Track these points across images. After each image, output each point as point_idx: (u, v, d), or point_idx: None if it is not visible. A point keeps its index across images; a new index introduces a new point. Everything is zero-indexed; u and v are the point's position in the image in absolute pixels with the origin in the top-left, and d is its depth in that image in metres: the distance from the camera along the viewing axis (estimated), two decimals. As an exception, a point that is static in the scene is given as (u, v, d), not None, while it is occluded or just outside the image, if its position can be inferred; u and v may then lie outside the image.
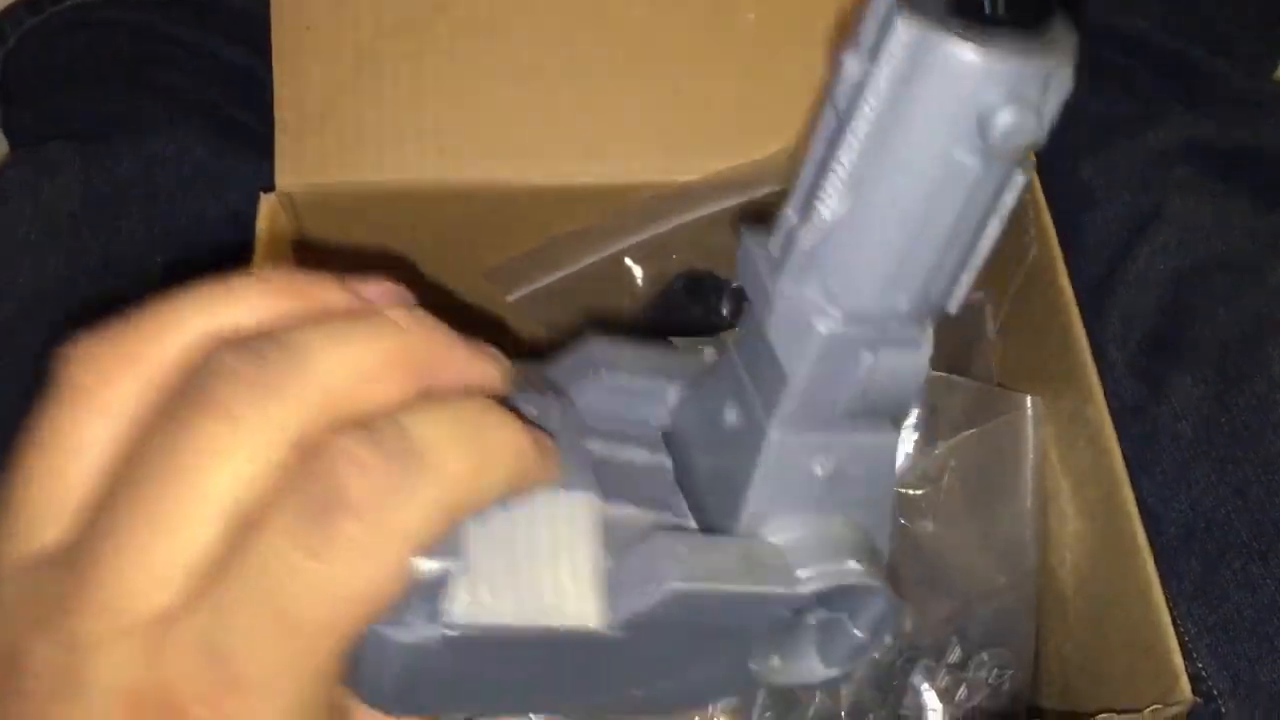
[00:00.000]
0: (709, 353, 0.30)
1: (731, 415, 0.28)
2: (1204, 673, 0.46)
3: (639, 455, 0.29)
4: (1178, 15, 0.65)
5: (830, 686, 0.43)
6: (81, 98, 0.60)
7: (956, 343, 0.55)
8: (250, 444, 0.22)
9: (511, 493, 0.24)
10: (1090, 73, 0.64)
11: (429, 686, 0.26)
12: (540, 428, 0.25)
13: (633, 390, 0.30)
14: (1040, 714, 0.50)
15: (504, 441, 0.24)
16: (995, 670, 0.49)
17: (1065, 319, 0.48)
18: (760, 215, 0.28)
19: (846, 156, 0.24)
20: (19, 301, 0.52)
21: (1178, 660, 0.41)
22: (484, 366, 0.25)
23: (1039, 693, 0.51)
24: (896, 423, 0.28)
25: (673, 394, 0.30)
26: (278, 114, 0.50)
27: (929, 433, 0.49)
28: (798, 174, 0.26)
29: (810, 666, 0.29)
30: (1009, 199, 0.26)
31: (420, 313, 0.24)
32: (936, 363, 0.51)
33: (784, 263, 0.25)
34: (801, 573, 0.26)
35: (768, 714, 0.49)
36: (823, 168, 0.24)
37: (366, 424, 0.22)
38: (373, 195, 0.50)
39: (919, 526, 0.49)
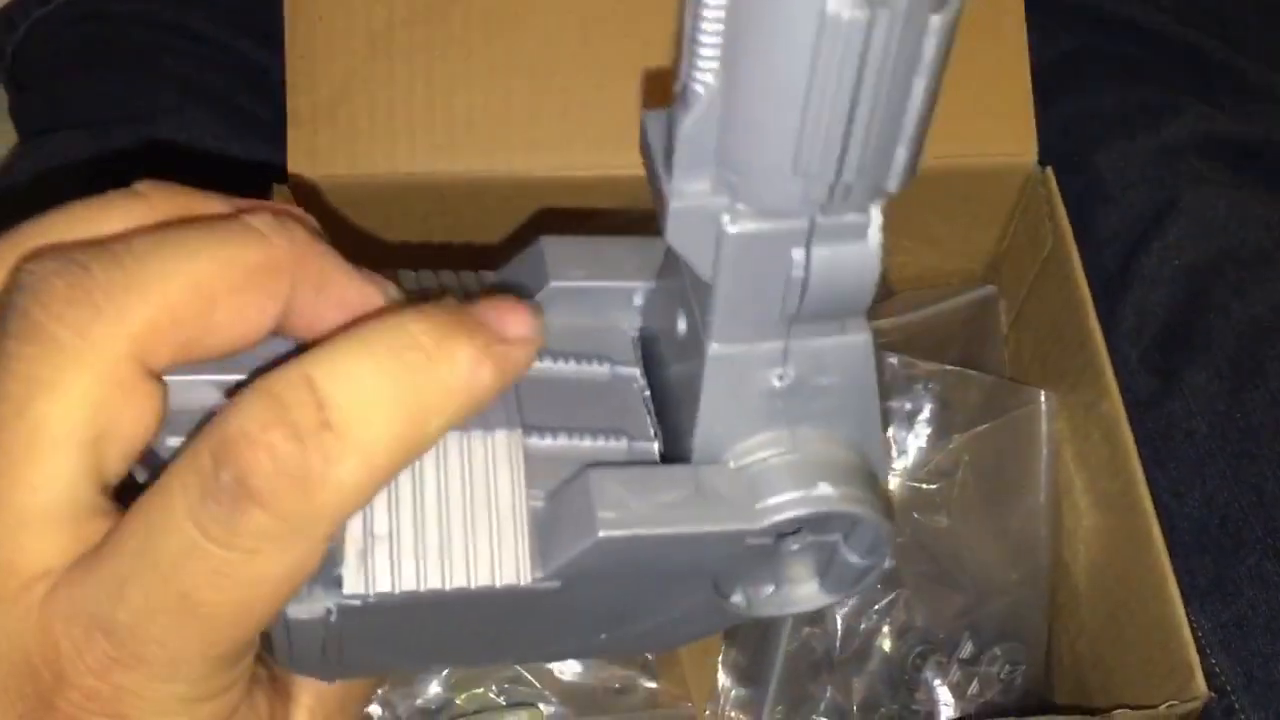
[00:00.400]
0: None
1: (680, 324, 0.24)
2: (1218, 669, 0.46)
3: (601, 371, 0.26)
4: (1193, 8, 0.64)
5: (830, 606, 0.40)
6: (90, 87, 0.60)
7: (969, 337, 0.54)
8: (80, 370, 0.19)
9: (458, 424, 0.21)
10: (1105, 66, 0.65)
11: (356, 651, 0.24)
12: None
13: (596, 294, 0.26)
14: (1053, 709, 0.50)
15: (442, 380, 0.20)
16: (1008, 665, 0.49)
17: (1079, 313, 0.48)
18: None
19: (710, 17, 0.20)
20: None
21: (1193, 656, 0.40)
22: (371, 290, 0.22)
23: (1052, 688, 0.51)
24: (861, 318, 0.24)
25: (639, 294, 0.27)
26: (290, 104, 0.49)
27: (942, 427, 0.49)
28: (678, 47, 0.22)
29: (806, 593, 0.26)
30: (929, 49, 0.21)
31: (298, 229, 0.21)
32: (950, 357, 0.51)
33: (673, 156, 0.21)
34: (762, 503, 0.23)
35: (779, 708, 0.49)
36: (691, 36, 0.20)
37: (271, 387, 0.19)
38: (384, 187, 0.50)
39: (933, 521, 0.49)
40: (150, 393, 0.20)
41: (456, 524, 0.23)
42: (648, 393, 0.26)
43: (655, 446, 0.25)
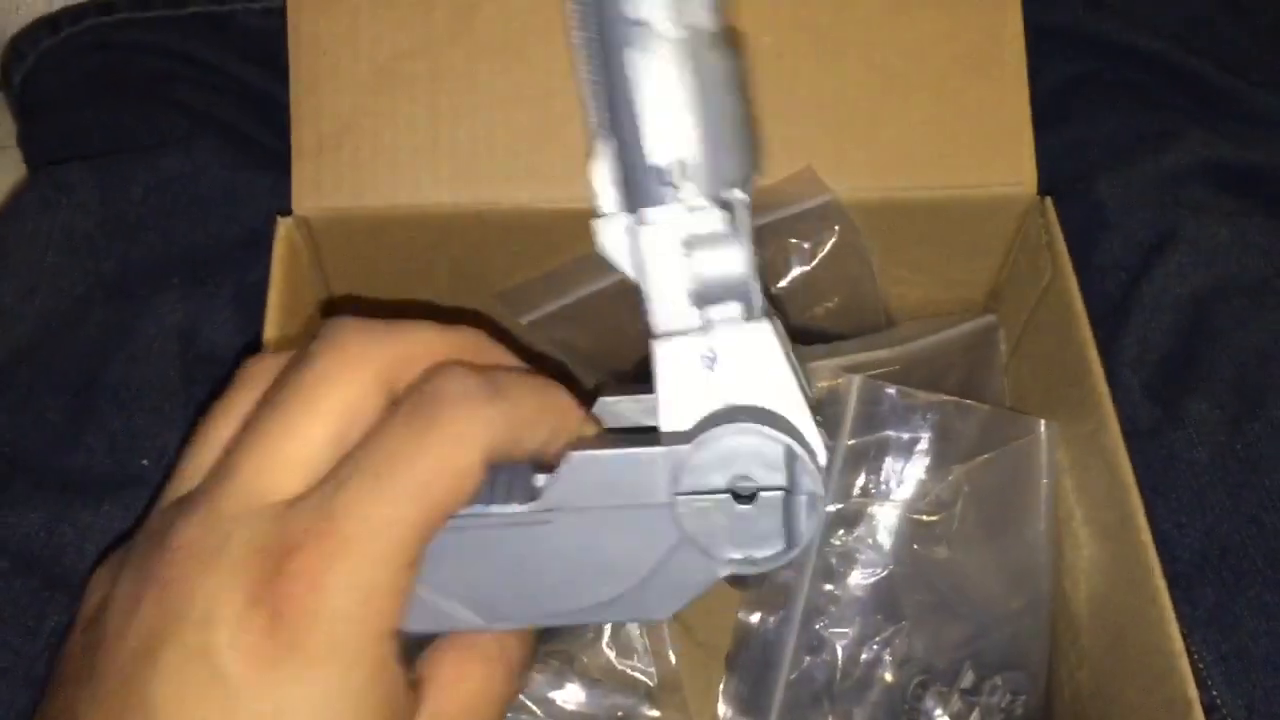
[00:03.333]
0: None
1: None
2: (1219, 701, 0.46)
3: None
4: (1194, 34, 0.64)
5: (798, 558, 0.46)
6: (99, 117, 0.60)
7: (969, 367, 0.55)
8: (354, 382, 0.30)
9: (551, 442, 0.32)
10: (1105, 92, 0.65)
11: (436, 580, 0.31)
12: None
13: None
14: (1053, 739, 0.50)
15: (556, 403, 0.33)
16: (1008, 695, 0.49)
17: (1079, 342, 0.48)
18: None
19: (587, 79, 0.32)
20: (36, 321, 0.52)
21: (1191, 689, 0.40)
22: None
23: (1052, 718, 0.51)
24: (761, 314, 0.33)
25: None
26: (294, 137, 0.50)
27: (942, 458, 0.49)
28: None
29: (773, 550, 0.33)
30: (711, 62, 0.31)
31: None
32: (949, 387, 0.51)
33: (594, 184, 0.33)
34: (700, 437, 0.31)
35: (780, 737, 0.49)
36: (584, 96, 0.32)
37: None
38: (389, 218, 0.50)
39: (933, 551, 0.49)
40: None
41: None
42: None
43: None
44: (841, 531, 0.48)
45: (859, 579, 0.49)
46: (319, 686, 0.28)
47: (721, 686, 0.51)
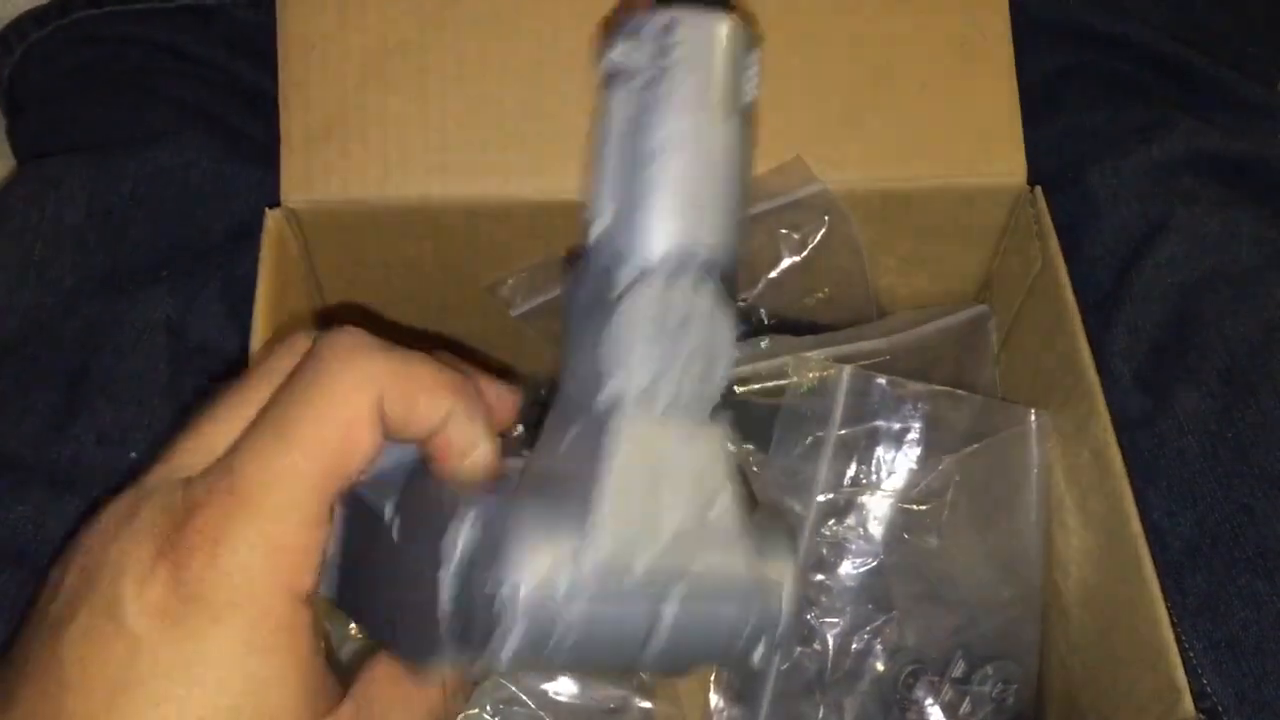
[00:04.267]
0: None
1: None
2: (1209, 689, 0.46)
3: None
4: (1184, 25, 0.64)
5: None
6: (87, 111, 0.60)
7: (960, 357, 0.55)
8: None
9: (455, 424, 0.33)
10: (1096, 83, 0.65)
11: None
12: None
13: None
14: (1044, 728, 0.50)
15: (457, 381, 0.33)
16: (999, 684, 0.49)
17: (1070, 332, 0.48)
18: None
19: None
20: (25, 314, 0.52)
21: (1181, 676, 0.41)
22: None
23: (1043, 707, 0.51)
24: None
25: None
26: (283, 130, 0.50)
27: (932, 448, 0.49)
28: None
29: None
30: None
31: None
32: (940, 377, 0.51)
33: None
34: None
35: (772, 728, 0.49)
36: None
37: None
38: (378, 211, 0.50)
39: (923, 541, 0.49)
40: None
41: None
42: None
43: None
44: (832, 521, 0.48)
45: (849, 569, 0.49)
46: (224, 640, 0.28)
47: (713, 677, 0.51)
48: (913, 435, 0.49)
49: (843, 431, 0.49)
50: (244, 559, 0.29)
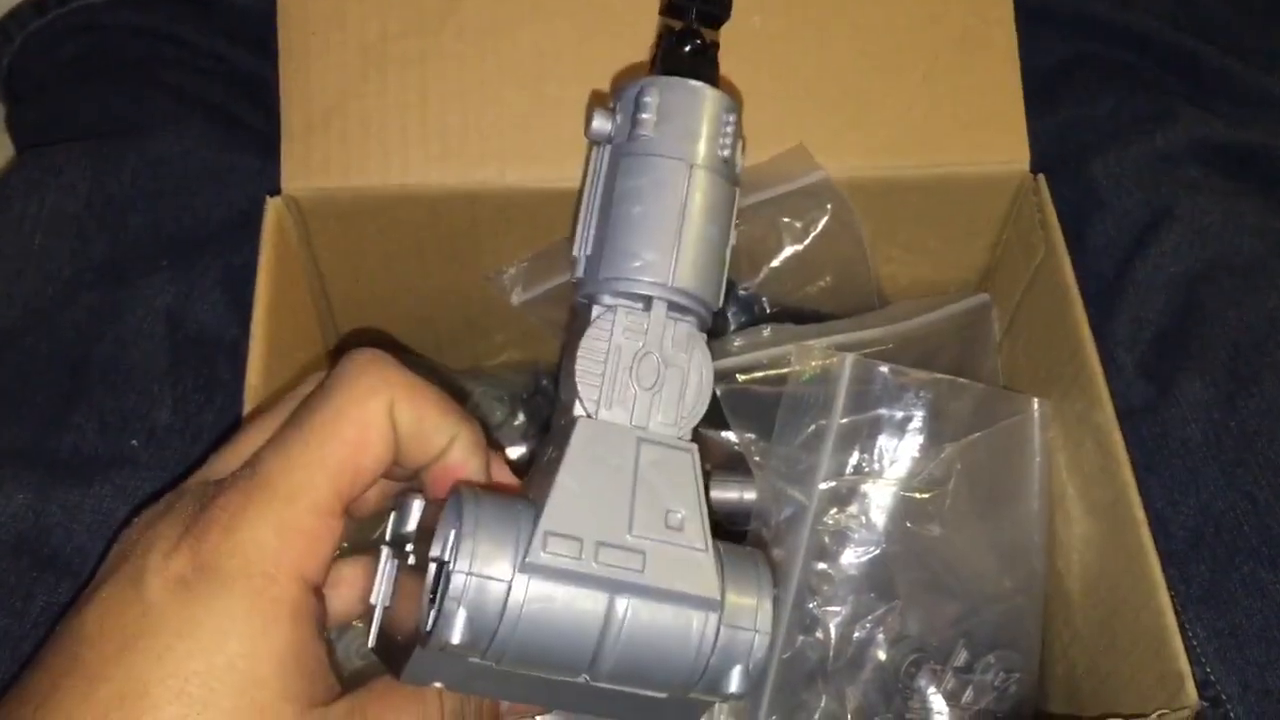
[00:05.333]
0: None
1: None
2: (1212, 677, 0.46)
3: None
4: (1188, 13, 0.64)
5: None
6: (87, 99, 0.60)
7: (962, 345, 0.54)
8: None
9: (452, 459, 0.35)
10: (1100, 73, 0.65)
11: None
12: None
13: None
14: (1047, 717, 0.50)
15: (464, 419, 0.36)
16: (1002, 673, 0.49)
17: (1072, 320, 0.48)
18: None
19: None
20: (25, 303, 0.52)
21: (1184, 664, 0.40)
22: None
23: (1045, 696, 0.51)
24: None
25: None
26: (284, 117, 0.49)
27: (935, 436, 0.48)
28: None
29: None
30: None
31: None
32: (942, 366, 0.51)
33: None
34: None
35: (773, 717, 0.49)
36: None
37: None
38: (378, 199, 0.50)
39: (926, 529, 0.49)
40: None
41: None
42: None
43: None
44: (834, 510, 0.48)
45: (852, 557, 0.48)
46: (227, 605, 0.30)
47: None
48: (915, 424, 0.49)
49: (845, 420, 0.48)
50: (256, 534, 0.31)
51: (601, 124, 0.39)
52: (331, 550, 0.33)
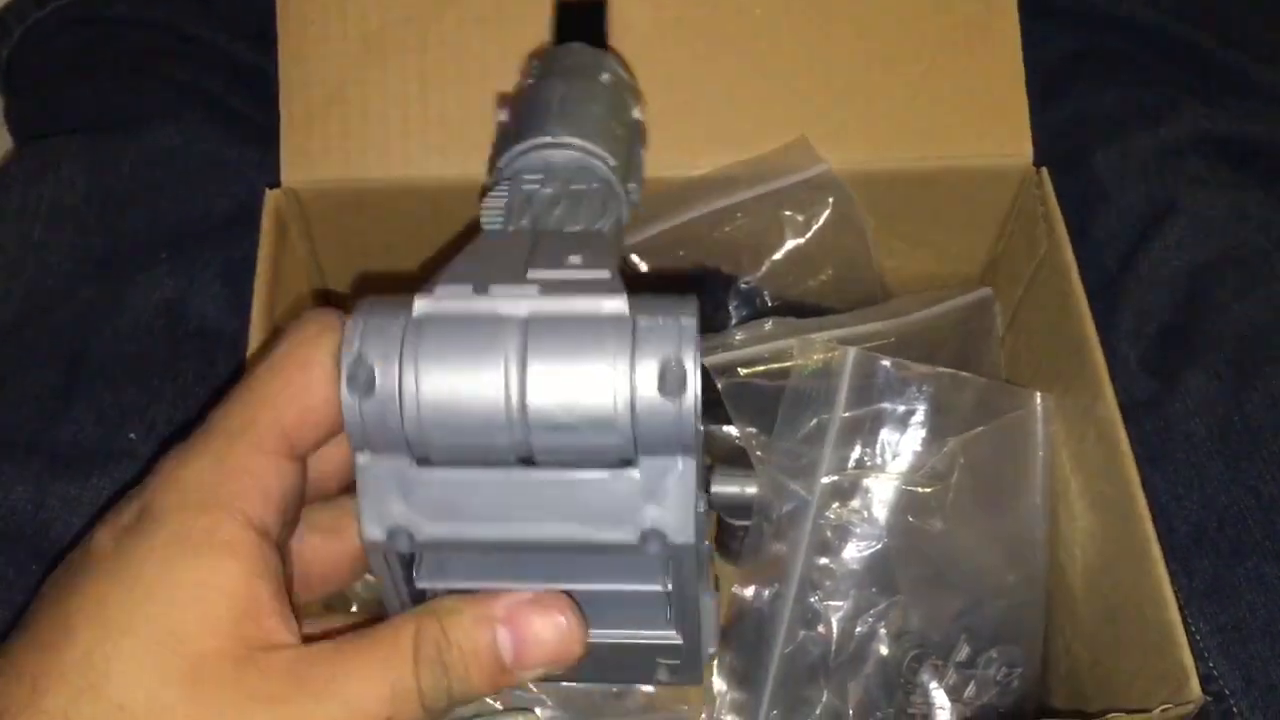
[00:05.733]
0: None
1: None
2: (1216, 673, 0.46)
3: None
4: (1192, 7, 0.64)
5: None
6: (85, 91, 0.59)
7: (965, 339, 0.54)
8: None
9: None
10: (1103, 65, 0.65)
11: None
12: None
13: None
14: (1050, 713, 0.50)
15: None
16: (1004, 668, 0.49)
17: (1076, 314, 0.48)
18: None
19: None
20: (24, 296, 0.52)
21: (1188, 659, 0.40)
22: None
23: (1048, 691, 0.51)
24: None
25: None
26: (283, 108, 0.49)
27: (937, 430, 0.48)
28: None
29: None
30: None
31: None
32: (945, 360, 0.51)
33: None
34: None
35: (775, 712, 0.49)
36: None
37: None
38: (378, 190, 0.50)
39: (928, 524, 0.48)
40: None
41: None
42: None
43: None
44: (836, 504, 0.48)
45: (854, 552, 0.48)
46: (158, 540, 0.29)
47: (716, 660, 0.51)
48: (917, 417, 0.48)
49: (847, 414, 0.48)
50: (193, 473, 0.30)
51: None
52: (281, 491, 0.31)
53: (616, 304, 0.28)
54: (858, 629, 0.49)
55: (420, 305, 0.29)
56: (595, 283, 0.29)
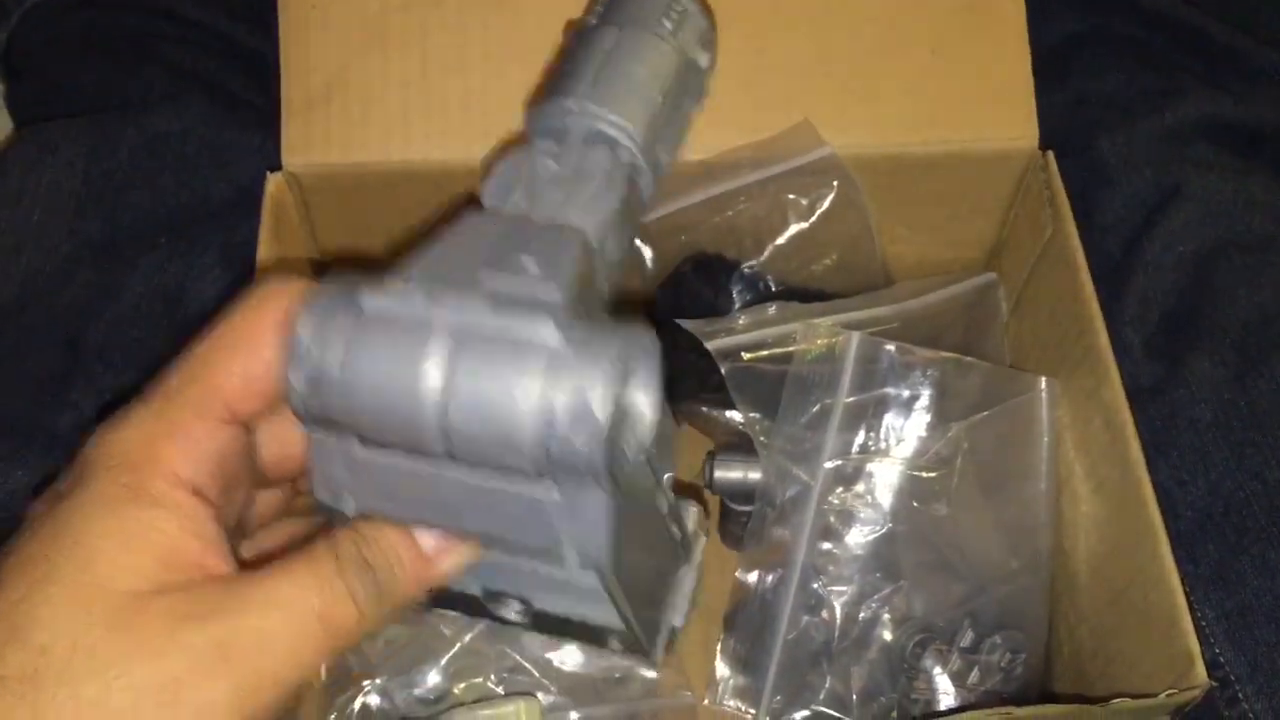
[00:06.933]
0: None
1: None
2: (1221, 658, 0.46)
3: None
4: (1198, -10, 0.63)
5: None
6: (85, 75, 0.59)
7: (970, 324, 0.54)
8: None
9: None
10: (1109, 49, 0.64)
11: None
12: None
13: None
14: (1053, 698, 0.49)
15: None
16: (1008, 653, 0.49)
17: (1081, 299, 0.48)
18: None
19: None
20: (23, 280, 0.52)
21: (1193, 644, 0.40)
22: None
23: (1052, 676, 0.51)
24: None
25: None
26: (284, 93, 0.49)
27: (942, 415, 0.48)
28: None
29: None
30: None
31: None
32: (949, 344, 0.51)
33: None
34: None
35: (778, 697, 0.49)
36: None
37: None
38: (378, 174, 0.49)
39: (932, 509, 0.48)
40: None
41: None
42: None
43: None
44: (840, 489, 0.48)
45: (858, 537, 0.48)
46: (83, 496, 0.30)
47: (719, 646, 0.51)
48: (922, 402, 0.48)
49: (851, 399, 0.48)
50: (124, 435, 0.31)
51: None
52: (217, 453, 0.31)
53: (548, 332, 0.28)
54: (861, 614, 0.49)
55: (367, 301, 0.29)
56: (538, 303, 0.29)
